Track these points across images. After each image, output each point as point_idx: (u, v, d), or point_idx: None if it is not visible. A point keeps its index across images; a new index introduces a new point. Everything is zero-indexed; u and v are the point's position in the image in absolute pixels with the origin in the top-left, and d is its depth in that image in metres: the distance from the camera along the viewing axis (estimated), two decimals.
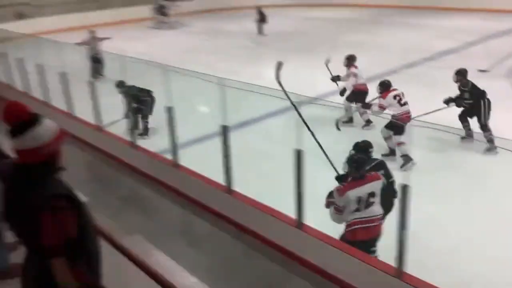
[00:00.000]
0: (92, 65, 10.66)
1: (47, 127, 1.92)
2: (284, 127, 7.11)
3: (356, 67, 7.56)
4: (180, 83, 6.84)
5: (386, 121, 6.16)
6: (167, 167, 5.49)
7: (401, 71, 10.61)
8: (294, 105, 4.11)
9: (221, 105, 4.50)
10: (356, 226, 3.68)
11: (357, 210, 3.65)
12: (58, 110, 7.59)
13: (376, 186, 3.70)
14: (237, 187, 4.71)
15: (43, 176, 1.89)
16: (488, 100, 6.34)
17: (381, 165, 4.07)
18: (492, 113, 6.29)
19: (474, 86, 6.50)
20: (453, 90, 6.80)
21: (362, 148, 4.12)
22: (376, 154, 4.55)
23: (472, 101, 6.39)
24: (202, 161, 5.57)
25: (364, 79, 7.61)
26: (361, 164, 3.75)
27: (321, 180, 3.92)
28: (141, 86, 7.16)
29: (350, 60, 7.62)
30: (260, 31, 16.93)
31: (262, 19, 16.87)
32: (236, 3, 24.38)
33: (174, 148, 5.36)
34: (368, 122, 7.38)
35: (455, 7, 19.68)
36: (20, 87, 8.76)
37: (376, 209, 3.70)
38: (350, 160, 3.79)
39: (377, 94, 6.46)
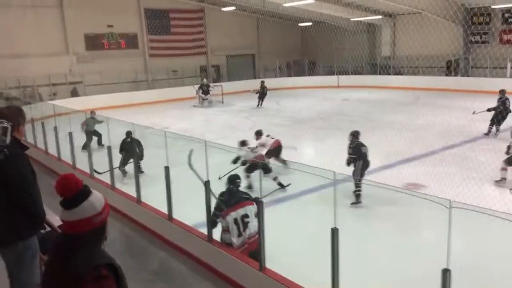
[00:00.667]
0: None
1: (96, 198, 2.02)
2: (320, 205, 6.99)
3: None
4: (217, 159, 6.99)
5: None
6: (200, 240, 5.45)
7: (441, 152, 10.43)
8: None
9: (257, 180, 4.52)
10: (244, 246, 4.89)
11: (240, 234, 4.82)
12: (101, 182, 7.86)
13: (248, 209, 4.82)
14: (269, 264, 4.59)
15: (89, 245, 1.96)
16: None
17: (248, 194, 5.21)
18: None
19: None
20: (494, 173, 6.57)
21: (232, 180, 5.26)
22: None
23: None
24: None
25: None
26: (233, 193, 5.07)
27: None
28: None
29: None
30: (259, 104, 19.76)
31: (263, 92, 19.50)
32: (275, 84, 25.51)
33: (209, 223, 5.35)
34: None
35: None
36: (69, 159, 9.22)
37: (252, 227, 4.80)
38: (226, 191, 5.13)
39: None
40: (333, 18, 25.52)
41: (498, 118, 12.06)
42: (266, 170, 7.61)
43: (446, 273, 3.21)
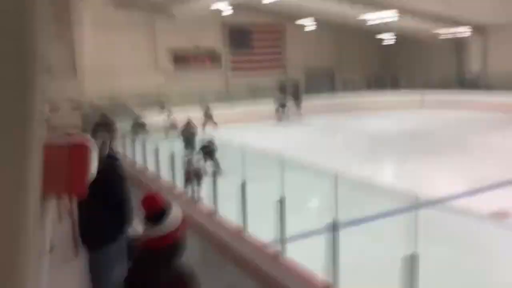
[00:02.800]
0: None
1: (176, 214, 2.14)
2: (398, 229, 6.71)
3: None
4: (295, 176, 7.02)
5: None
6: (273, 259, 5.49)
7: None
8: None
9: (332, 200, 4.49)
10: None
11: None
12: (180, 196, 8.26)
13: None
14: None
15: (172, 257, 2.11)
16: None
17: None
18: None
19: None
20: None
21: None
22: None
23: None
24: (309, 256, 5.46)
25: None
26: None
27: None
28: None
29: None
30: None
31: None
32: (354, 100, 25.06)
33: (282, 240, 5.38)
34: None
35: None
36: (153, 171, 9.81)
37: None
38: None
39: None
40: (417, 31, 24.45)
41: None
42: None
43: None
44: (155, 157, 9.46)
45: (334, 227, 4.52)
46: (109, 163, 3.54)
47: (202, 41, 25.01)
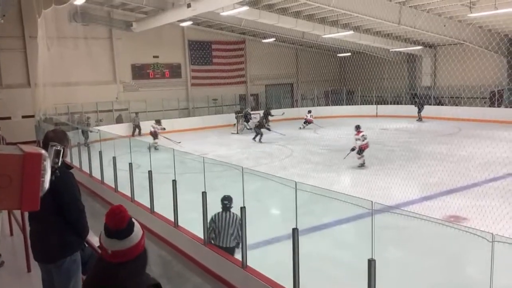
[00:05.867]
0: None
1: (137, 227, 2.13)
2: (356, 235, 6.91)
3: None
4: (254, 185, 7.07)
5: None
6: (235, 267, 5.48)
7: (483, 184, 10.08)
8: None
9: (293, 208, 4.56)
10: None
11: None
12: (140, 205, 8.09)
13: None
14: None
15: (139, 269, 2.09)
16: None
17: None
18: None
19: None
20: None
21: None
22: None
23: None
24: (271, 263, 5.51)
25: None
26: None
27: None
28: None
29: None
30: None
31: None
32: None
33: (244, 249, 5.39)
34: None
35: None
36: (112, 183, 9.56)
37: None
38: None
39: None
40: (372, 48, 25.55)
41: None
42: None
43: None
44: (113, 168, 9.24)
45: (294, 234, 4.58)
46: (62, 174, 3.44)
47: (163, 54, 24.94)
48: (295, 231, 4.58)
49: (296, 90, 30.05)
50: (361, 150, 12.74)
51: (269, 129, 19.17)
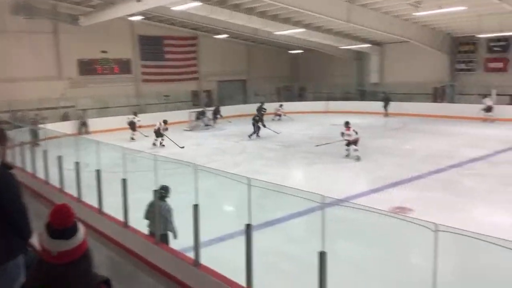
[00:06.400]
0: None
1: (80, 224, 2.06)
2: (308, 228, 7.03)
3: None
4: (207, 182, 7.00)
5: None
6: (188, 266, 5.42)
7: (427, 176, 10.56)
8: None
9: (246, 205, 4.56)
10: None
11: None
12: (88, 206, 7.81)
13: None
14: None
15: (87, 267, 2.02)
16: None
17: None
18: None
19: None
20: (480, 196, 6.67)
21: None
22: None
23: None
24: (224, 260, 5.50)
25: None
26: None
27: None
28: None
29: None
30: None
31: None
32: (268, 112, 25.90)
33: (197, 247, 5.33)
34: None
35: (485, 117, 20.08)
36: (57, 183, 9.16)
37: None
38: None
39: None
40: (322, 45, 26.05)
41: None
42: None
43: None
44: (59, 167, 8.85)
45: (247, 230, 4.59)
46: (2, 175, 3.25)
47: (111, 50, 24.17)
48: (248, 227, 4.59)
49: (249, 87, 30.13)
50: (354, 143, 13.34)
51: (264, 126, 18.81)
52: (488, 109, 19.86)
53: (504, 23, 18.06)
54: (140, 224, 6.71)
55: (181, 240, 6.20)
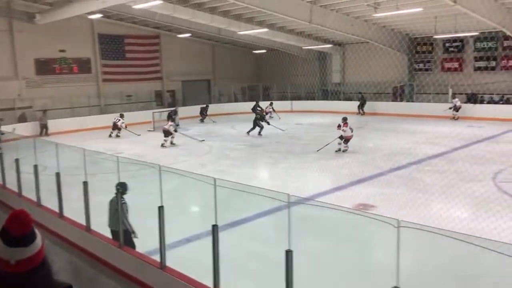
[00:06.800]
0: None
1: (36, 229, 1.97)
2: (274, 227, 7.07)
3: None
4: (172, 183, 6.94)
5: None
6: (153, 269, 5.34)
7: (389, 174, 10.85)
8: None
9: (212, 205, 4.54)
10: None
11: None
12: (48, 210, 7.55)
13: None
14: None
15: (46, 275, 1.93)
16: None
17: None
18: None
19: None
20: (438, 192, 6.92)
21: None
22: None
23: None
24: (191, 262, 5.45)
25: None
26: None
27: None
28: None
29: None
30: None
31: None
32: (230, 109, 25.96)
33: (162, 249, 5.26)
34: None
35: (442, 115, 20.85)
36: (14, 187, 8.81)
37: None
38: None
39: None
40: (286, 46, 26.28)
41: None
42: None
43: None
44: (16, 171, 8.51)
45: (214, 230, 4.57)
46: None
47: (70, 48, 23.42)
48: (214, 228, 4.57)
49: (213, 86, 29.99)
50: (346, 140, 13.76)
51: (268, 123, 18.86)
52: (457, 108, 20.51)
53: (458, 24, 18.82)
54: (103, 227, 6.55)
55: (146, 243, 6.11)
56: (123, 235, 5.95)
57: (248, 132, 18.34)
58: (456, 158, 12.44)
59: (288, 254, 3.88)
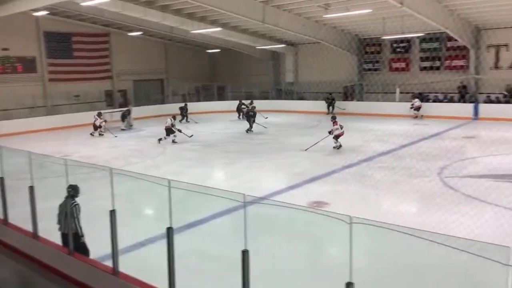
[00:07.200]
0: None
1: None
2: (230, 227, 7.06)
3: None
4: (125, 186, 6.74)
5: None
6: (106, 275, 5.17)
7: (341, 171, 11.12)
8: None
9: (167, 207, 4.46)
10: None
11: None
12: None
13: None
14: None
15: None
16: None
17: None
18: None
19: None
20: (388, 188, 7.15)
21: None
22: None
23: None
24: (145, 266, 5.33)
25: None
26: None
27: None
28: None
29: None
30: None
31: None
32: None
33: (115, 254, 5.11)
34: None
35: (390, 114, 21.63)
36: None
37: None
38: None
39: None
40: (239, 45, 26.31)
41: None
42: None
43: (349, 286, 3.41)
44: None
45: (168, 233, 4.49)
46: None
47: (14, 47, 22.29)
48: (169, 230, 4.49)
49: (167, 86, 29.53)
50: (337, 137, 14.06)
51: (254, 121, 18.93)
52: (417, 108, 21.12)
53: (405, 25, 19.59)
54: (52, 233, 6.28)
55: (98, 248, 5.91)
56: (73, 239, 5.73)
57: (249, 130, 18.57)
58: (404, 155, 12.93)
59: (245, 254, 3.87)
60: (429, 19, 17.29)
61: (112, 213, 5.10)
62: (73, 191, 5.92)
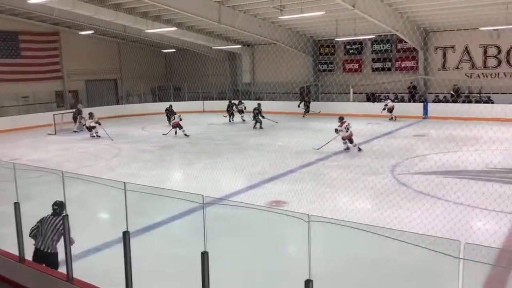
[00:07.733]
0: None
1: None
2: (189, 229, 6.99)
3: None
4: (78, 190, 6.53)
5: None
6: (60, 282, 4.97)
7: (299, 170, 11.28)
8: None
9: (123, 210, 4.34)
10: None
11: None
12: None
13: None
14: None
15: None
16: None
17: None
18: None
19: None
20: (344, 186, 7.30)
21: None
22: None
23: None
24: (101, 271, 5.18)
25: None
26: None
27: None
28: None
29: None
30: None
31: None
32: (139, 110, 25.16)
33: (68, 260, 4.92)
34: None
35: (346, 113, 22.11)
36: None
37: None
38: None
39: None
40: (195, 45, 26.09)
41: None
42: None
43: (308, 283, 3.45)
44: None
45: (125, 237, 4.38)
46: None
47: None
48: (126, 234, 4.38)
49: (121, 86, 28.81)
50: (347, 139, 13.68)
51: (263, 117, 19.42)
52: (389, 109, 21.33)
53: (357, 27, 20.14)
54: (2, 240, 5.98)
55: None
56: (53, 256, 5.41)
57: (258, 127, 19.32)
58: (358, 153, 13.29)
59: (204, 255, 3.84)
60: (380, 21, 17.87)
61: (65, 218, 4.93)
62: (59, 208, 5.53)
